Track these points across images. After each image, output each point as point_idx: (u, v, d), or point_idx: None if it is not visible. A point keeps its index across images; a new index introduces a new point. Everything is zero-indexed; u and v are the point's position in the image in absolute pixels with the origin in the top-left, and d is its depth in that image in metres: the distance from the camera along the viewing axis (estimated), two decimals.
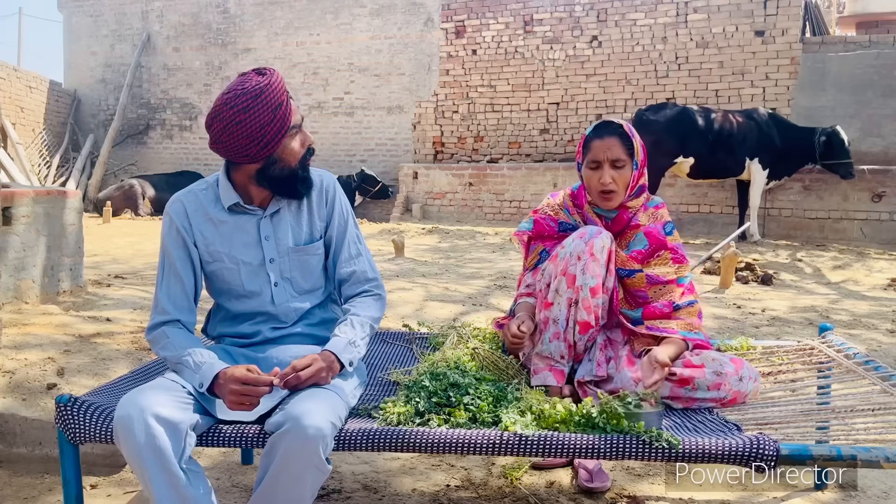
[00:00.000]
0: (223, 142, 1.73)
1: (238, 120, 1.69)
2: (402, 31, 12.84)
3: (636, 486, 2.22)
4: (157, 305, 1.81)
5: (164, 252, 1.83)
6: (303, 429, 1.49)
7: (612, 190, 2.08)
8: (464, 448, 1.59)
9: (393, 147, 13.04)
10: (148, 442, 1.47)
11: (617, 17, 10.89)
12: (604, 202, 2.11)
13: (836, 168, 8.19)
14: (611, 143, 2.07)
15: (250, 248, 1.83)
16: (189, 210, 1.82)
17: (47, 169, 13.54)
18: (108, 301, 4.17)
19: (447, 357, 2.07)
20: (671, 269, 2.11)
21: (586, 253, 2.01)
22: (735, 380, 1.89)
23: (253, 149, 1.73)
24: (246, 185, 1.82)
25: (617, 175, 2.07)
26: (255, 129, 1.70)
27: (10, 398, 2.57)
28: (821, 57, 9.69)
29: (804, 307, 4.80)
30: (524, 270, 2.29)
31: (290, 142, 1.77)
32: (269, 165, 1.77)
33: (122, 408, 1.52)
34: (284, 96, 1.74)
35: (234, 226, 1.83)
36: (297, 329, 1.87)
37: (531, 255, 2.25)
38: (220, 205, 1.82)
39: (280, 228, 1.85)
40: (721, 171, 8.52)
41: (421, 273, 5.88)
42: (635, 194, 2.13)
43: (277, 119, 1.72)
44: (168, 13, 14.38)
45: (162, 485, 1.48)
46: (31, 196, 3.90)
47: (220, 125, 1.71)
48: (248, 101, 1.69)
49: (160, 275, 1.83)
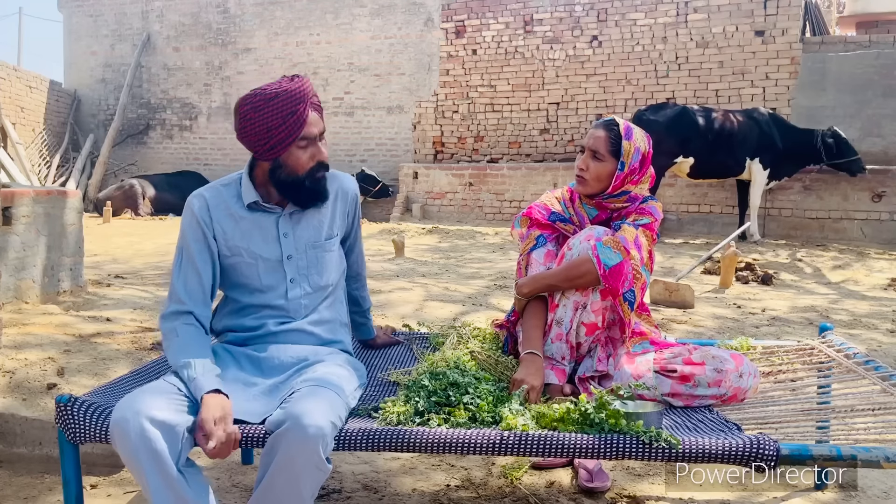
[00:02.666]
0: (239, 132, 1.82)
1: (249, 117, 1.77)
2: (402, 30, 12.84)
3: (636, 486, 2.22)
4: (174, 294, 1.81)
5: (183, 243, 1.84)
6: (303, 428, 1.49)
7: (583, 177, 2.13)
8: (464, 448, 1.59)
9: (393, 147, 13.04)
10: (143, 444, 1.47)
11: (617, 16, 10.90)
12: (577, 184, 2.17)
13: (848, 166, 8.24)
14: (597, 134, 2.11)
15: (269, 244, 1.87)
16: (211, 204, 1.85)
17: (47, 169, 13.54)
18: (108, 301, 4.17)
19: (447, 357, 2.07)
20: (632, 217, 2.14)
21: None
22: (735, 376, 1.90)
23: (260, 147, 1.80)
24: (265, 183, 1.87)
25: (592, 164, 2.11)
26: (262, 129, 1.76)
27: (10, 398, 2.57)
28: (821, 57, 9.69)
29: (804, 307, 4.80)
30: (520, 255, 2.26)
31: (297, 151, 1.80)
32: (275, 168, 1.82)
33: (117, 411, 1.52)
34: (301, 106, 1.76)
35: (254, 222, 1.87)
36: (301, 325, 1.88)
37: (527, 240, 2.24)
38: (241, 202, 1.86)
39: (299, 226, 1.90)
40: (721, 171, 8.51)
41: (421, 273, 5.88)
42: (618, 196, 2.13)
43: (286, 126, 1.76)
44: (168, 13, 14.39)
45: (159, 486, 1.48)
46: (32, 196, 3.91)
47: (237, 117, 1.81)
48: (260, 102, 1.76)
49: (177, 265, 1.83)
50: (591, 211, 2.18)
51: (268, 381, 1.77)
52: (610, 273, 1.97)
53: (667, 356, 2.01)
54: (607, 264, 1.96)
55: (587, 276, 1.99)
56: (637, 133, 2.13)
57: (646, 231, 2.11)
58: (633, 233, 2.08)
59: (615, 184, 2.10)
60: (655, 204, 2.18)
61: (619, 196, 2.14)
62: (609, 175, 2.10)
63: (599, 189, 2.13)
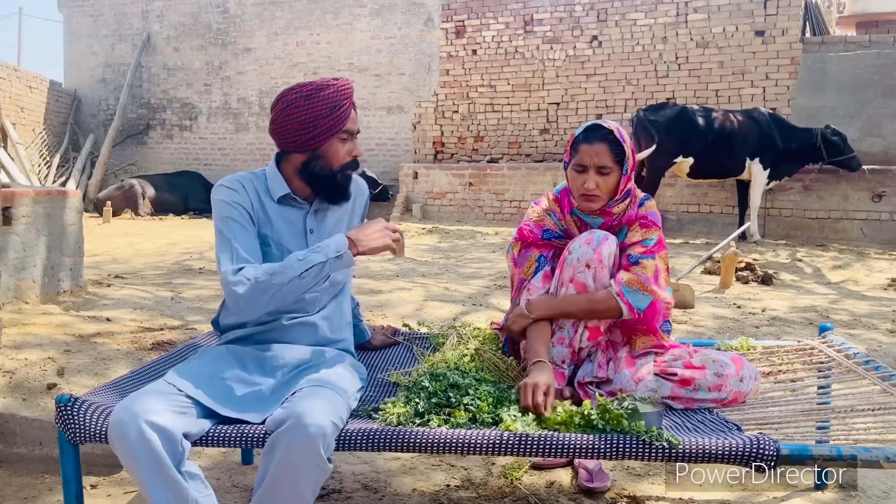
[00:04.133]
0: (279, 123, 1.84)
1: (298, 104, 1.81)
2: (402, 31, 12.84)
3: (636, 486, 2.22)
4: (237, 256, 1.75)
5: (225, 219, 1.80)
6: (304, 427, 1.49)
7: (596, 195, 2.05)
8: (464, 448, 1.59)
9: (393, 147, 13.04)
10: (142, 447, 1.47)
11: (617, 17, 10.90)
12: (585, 203, 2.07)
13: (848, 162, 8.28)
14: (599, 149, 2.02)
15: (296, 239, 1.89)
16: (248, 189, 1.86)
17: (47, 169, 13.54)
18: (108, 301, 4.17)
19: (447, 358, 2.07)
20: (639, 232, 2.08)
21: (595, 260, 1.99)
22: (736, 380, 1.89)
23: (302, 136, 1.82)
24: (292, 178, 1.89)
25: (601, 181, 2.03)
26: (309, 118, 1.80)
27: (10, 398, 2.57)
28: (821, 57, 9.69)
29: (804, 307, 4.80)
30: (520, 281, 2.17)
31: (337, 143, 1.85)
32: (312, 160, 1.85)
33: (115, 414, 1.52)
34: (347, 102, 1.84)
35: (283, 216, 1.89)
36: (312, 319, 1.90)
37: (527, 263, 2.16)
38: (270, 195, 1.89)
39: (324, 223, 1.94)
40: (721, 171, 8.52)
41: (421, 273, 5.88)
42: (621, 199, 2.08)
43: (333, 117, 1.81)
44: (168, 13, 14.39)
45: (158, 488, 1.48)
46: (32, 196, 3.91)
47: (282, 105, 1.83)
48: (311, 91, 1.82)
49: (226, 235, 1.78)
50: (596, 220, 2.11)
51: (271, 381, 1.77)
52: (644, 315, 2.00)
53: (667, 359, 2.00)
54: (639, 307, 1.98)
55: (610, 312, 2.00)
56: (623, 131, 2.10)
57: (660, 254, 2.08)
58: (653, 266, 2.03)
59: (621, 188, 2.06)
60: (653, 206, 2.14)
61: (624, 198, 2.09)
62: (616, 184, 2.05)
63: (608, 200, 2.08)
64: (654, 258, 2.04)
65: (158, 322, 3.74)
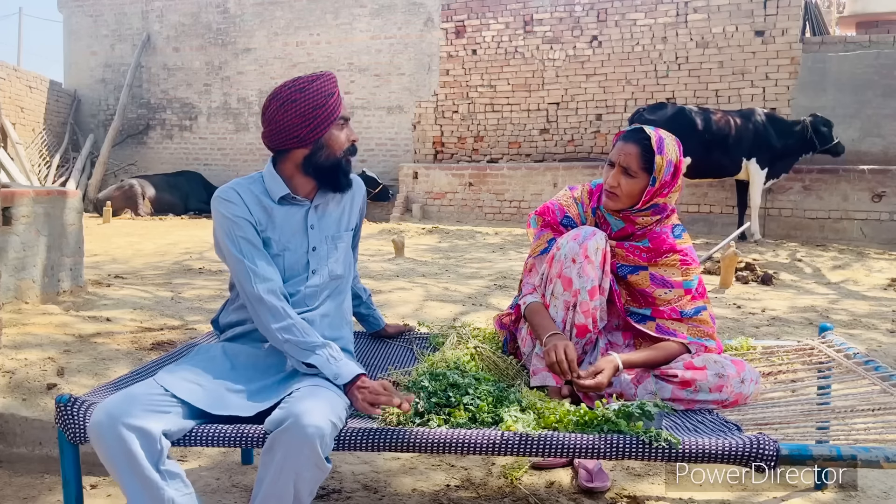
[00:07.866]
0: (277, 121, 1.85)
1: (294, 98, 1.83)
2: (402, 31, 12.84)
3: (636, 486, 2.22)
4: (258, 276, 1.79)
5: (232, 237, 1.83)
6: (302, 427, 1.49)
7: (615, 193, 2.05)
8: (464, 448, 1.59)
9: (393, 147, 13.04)
10: (118, 447, 1.48)
11: (617, 17, 10.90)
12: (606, 199, 2.09)
13: (834, 148, 8.31)
14: (630, 149, 2.02)
15: (297, 236, 1.91)
16: (245, 197, 1.88)
17: (47, 169, 13.53)
18: (108, 301, 4.17)
19: (447, 357, 2.07)
20: (678, 270, 2.06)
21: (581, 255, 1.99)
22: (737, 382, 1.89)
23: (304, 129, 1.84)
24: (292, 176, 1.91)
25: (624, 181, 2.02)
26: (308, 109, 1.83)
27: (10, 398, 2.57)
28: (821, 57, 9.69)
29: (804, 307, 4.80)
30: (529, 256, 2.24)
31: (337, 131, 1.89)
32: (316, 151, 1.87)
33: (94, 415, 1.54)
34: (336, 90, 1.90)
35: (284, 215, 1.91)
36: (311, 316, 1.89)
37: (538, 241, 2.21)
38: (270, 197, 1.90)
39: (324, 218, 1.96)
40: (718, 170, 8.54)
41: (421, 273, 5.88)
42: (647, 210, 2.05)
43: (329, 105, 1.85)
44: (168, 13, 14.38)
45: (135, 487, 1.49)
46: (31, 196, 3.91)
47: (277, 103, 1.85)
48: (304, 84, 1.85)
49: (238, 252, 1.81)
50: (617, 223, 2.11)
51: (265, 380, 1.78)
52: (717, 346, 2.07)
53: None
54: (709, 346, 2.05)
55: (679, 353, 2.02)
56: (669, 144, 2.02)
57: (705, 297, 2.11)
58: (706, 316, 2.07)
59: (645, 199, 2.02)
60: (689, 242, 2.13)
61: (648, 210, 2.06)
62: (641, 191, 2.02)
63: (630, 205, 2.05)
64: (705, 309, 2.08)
65: (158, 322, 3.74)
